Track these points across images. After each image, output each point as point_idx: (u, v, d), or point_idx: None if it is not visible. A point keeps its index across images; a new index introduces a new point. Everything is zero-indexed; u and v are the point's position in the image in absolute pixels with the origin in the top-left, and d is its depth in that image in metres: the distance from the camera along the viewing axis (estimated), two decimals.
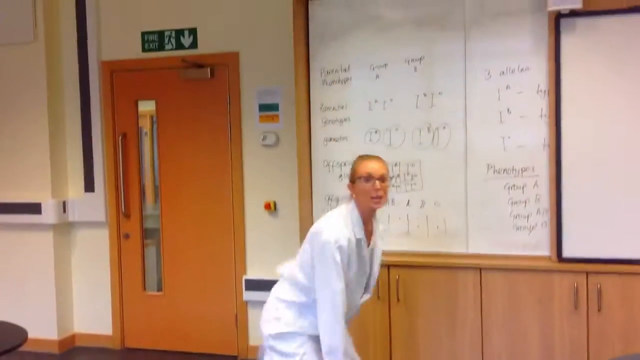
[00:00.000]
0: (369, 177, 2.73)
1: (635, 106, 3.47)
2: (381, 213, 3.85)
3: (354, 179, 2.80)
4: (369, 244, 2.85)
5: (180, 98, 5.21)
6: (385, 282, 3.77)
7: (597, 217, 3.52)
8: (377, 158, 2.83)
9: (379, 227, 2.96)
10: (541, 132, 3.62)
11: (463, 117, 3.76)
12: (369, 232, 2.85)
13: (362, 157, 2.85)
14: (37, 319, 5.33)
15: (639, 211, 3.47)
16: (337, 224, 2.73)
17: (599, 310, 3.45)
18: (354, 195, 2.81)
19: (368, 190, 2.73)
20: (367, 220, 2.83)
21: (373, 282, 2.96)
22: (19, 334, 3.03)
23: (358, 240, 2.76)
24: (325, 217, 2.83)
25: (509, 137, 3.68)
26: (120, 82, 5.36)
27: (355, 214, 2.77)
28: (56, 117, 5.39)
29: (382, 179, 2.75)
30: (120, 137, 5.36)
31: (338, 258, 2.65)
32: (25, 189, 5.36)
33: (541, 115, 3.61)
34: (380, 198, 2.74)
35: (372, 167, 2.76)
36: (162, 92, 5.27)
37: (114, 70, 5.36)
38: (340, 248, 2.66)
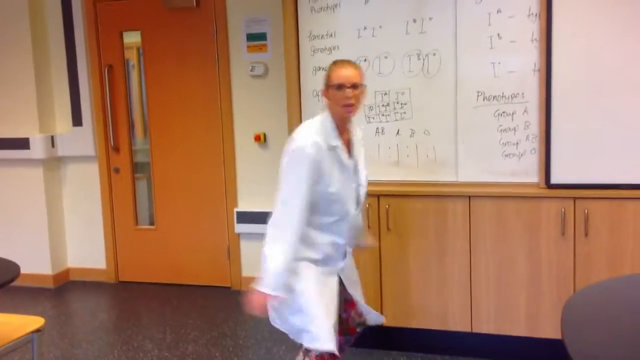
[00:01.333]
0: (340, 86, 2.67)
1: (628, 30, 3.40)
2: (371, 142, 3.84)
3: (327, 86, 2.75)
4: (349, 153, 2.79)
5: (166, 28, 5.11)
6: (376, 211, 3.78)
7: (586, 143, 3.50)
8: (350, 64, 2.74)
9: (358, 133, 2.89)
10: (532, 57, 3.56)
11: (453, 43, 3.69)
12: (346, 141, 2.79)
13: (336, 64, 2.76)
14: (31, 255, 5.37)
15: (627, 137, 3.45)
16: (307, 132, 2.68)
17: (586, 235, 3.47)
18: (327, 102, 2.76)
19: (339, 98, 2.67)
20: (343, 128, 2.77)
21: (363, 193, 2.89)
22: (12, 268, 3.04)
23: (332, 147, 2.69)
24: (299, 127, 2.78)
25: (499, 63, 3.62)
26: (104, 13, 5.25)
27: (329, 120, 2.72)
28: (40, 51, 5.29)
29: (355, 86, 2.68)
30: (106, 70, 5.27)
31: (304, 167, 2.58)
32: (12, 125, 5.31)
33: (532, 40, 3.55)
34: (352, 106, 2.68)
35: (344, 75, 2.68)
36: (147, 23, 5.16)
37: (97, 1, 5.23)
38: (307, 155, 2.58)
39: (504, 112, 3.65)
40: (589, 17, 3.44)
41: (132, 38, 5.31)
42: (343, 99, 2.67)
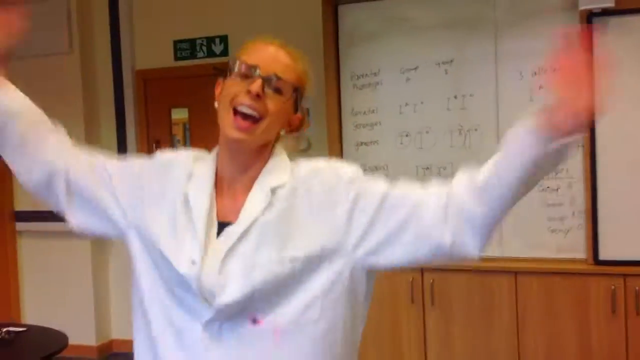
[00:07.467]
0: (249, 70, 1.33)
1: None
2: None
3: (225, 74, 1.40)
4: (225, 222, 1.34)
5: (212, 105, 5.25)
6: (419, 285, 3.75)
7: (634, 218, 3.45)
8: (281, 45, 1.41)
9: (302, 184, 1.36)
10: None
11: (495, 118, 3.72)
12: (240, 195, 1.36)
13: (255, 39, 1.41)
14: (76, 326, 5.40)
15: None
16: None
17: (637, 313, 3.37)
18: (217, 106, 1.44)
19: (235, 92, 1.33)
20: (234, 168, 1.39)
21: (263, 277, 1.27)
22: (60, 339, 3.10)
23: (189, 175, 1.40)
24: None
25: None
26: (154, 91, 5.43)
27: (214, 150, 1.45)
28: (92, 126, 5.47)
29: (276, 84, 1.34)
30: (154, 145, 5.43)
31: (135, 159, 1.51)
32: None
33: None
34: (249, 118, 1.32)
35: (265, 54, 1.36)
36: (194, 100, 5.32)
37: (147, 79, 5.43)
38: (153, 156, 1.51)
39: (548, 187, 3.62)
40: (630, 93, 3.44)
41: (177, 114, 5.48)
42: (240, 95, 1.32)
